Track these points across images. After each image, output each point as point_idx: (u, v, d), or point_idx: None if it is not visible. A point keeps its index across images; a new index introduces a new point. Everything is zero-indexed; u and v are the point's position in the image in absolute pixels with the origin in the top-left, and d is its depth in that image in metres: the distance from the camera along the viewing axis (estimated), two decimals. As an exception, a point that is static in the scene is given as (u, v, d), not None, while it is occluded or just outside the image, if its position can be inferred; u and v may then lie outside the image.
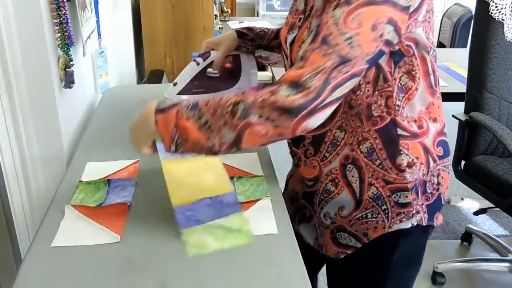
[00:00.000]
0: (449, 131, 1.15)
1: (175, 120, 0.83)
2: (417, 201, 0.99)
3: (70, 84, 1.25)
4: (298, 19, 1.00)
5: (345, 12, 0.79)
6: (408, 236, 1.02)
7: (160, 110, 0.85)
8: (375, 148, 0.96)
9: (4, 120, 1.12)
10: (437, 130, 1.01)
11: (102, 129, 1.31)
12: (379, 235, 1.01)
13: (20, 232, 1.21)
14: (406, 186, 0.97)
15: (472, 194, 2.74)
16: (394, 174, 0.97)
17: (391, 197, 0.98)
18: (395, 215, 0.99)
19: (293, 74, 0.80)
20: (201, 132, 0.82)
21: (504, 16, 1.86)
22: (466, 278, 2.18)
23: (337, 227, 1.05)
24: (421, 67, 0.93)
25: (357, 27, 0.79)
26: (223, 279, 0.80)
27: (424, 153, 0.98)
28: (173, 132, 0.83)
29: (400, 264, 1.06)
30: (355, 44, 0.79)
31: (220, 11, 3.53)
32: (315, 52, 0.80)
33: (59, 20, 1.17)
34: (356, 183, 0.99)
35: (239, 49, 1.26)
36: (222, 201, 0.94)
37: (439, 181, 1.02)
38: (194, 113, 0.82)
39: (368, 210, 1.00)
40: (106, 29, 1.81)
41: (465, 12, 4.14)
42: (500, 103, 1.93)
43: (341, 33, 0.79)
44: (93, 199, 0.99)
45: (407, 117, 0.95)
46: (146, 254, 0.85)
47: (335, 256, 1.08)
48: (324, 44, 0.80)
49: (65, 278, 0.79)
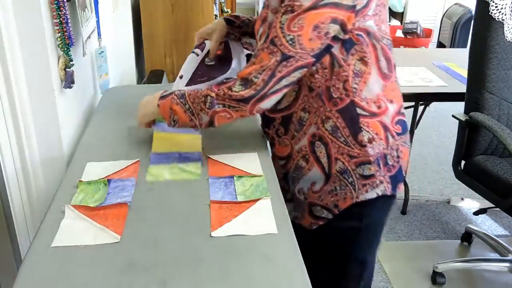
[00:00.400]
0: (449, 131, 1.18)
1: (170, 105, 1.09)
2: (380, 173, 1.11)
3: (70, 84, 1.25)
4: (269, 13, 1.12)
5: (289, 19, 0.97)
6: (374, 205, 1.15)
7: (162, 97, 1.12)
8: (339, 126, 1.09)
9: (4, 120, 1.12)
10: (395, 110, 1.13)
11: (102, 129, 1.31)
12: (348, 205, 1.13)
13: (20, 232, 1.21)
14: (369, 160, 1.10)
15: (472, 194, 2.74)
16: (357, 149, 1.09)
17: (356, 170, 1.11)
18: (361, 186, 1.12)
19: (245, 72, 1.02)
20: (186, 115, 1.08)
21: (504, 16, 1.86)
22: (466, 278, 2.18)
23: (310, 203, 1.19)
24: (372, 54, 1.06)
25: (298, 30, 0.97)
26: (223, 279, 0.80)
27: (383, 130, 1.10)
28: (170, 113, 1.10)
29: (367, 230, 1.20)
30: (297, 44, 0.98)
31: (220, 11, 3.53)
32: (264, 51, 1.00)
33: (59, 20, 1.17)
34: (324, 158, 1.12)
35: (228, 36, 1.35)
36: (188, 155, 1.18)
37: (398, 154, 1.14)
38: (181, 101, 1.08)
39: (337, 183, 1.13)
40: (106, 29, 1.81)
41: (465, 12, 4.15)
42: (500, 103, 1.93)
43: (285, 36, 0.98)
44: (93, 199, 0.99)
45: (365, 99, 1.08)
46: (146, 254, 0.85)
47: (309, 227, 1.21)
48: (271, 44, 0.99)
49: (65, 278, 0.80)
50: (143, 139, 1.25)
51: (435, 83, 2.34)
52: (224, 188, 1.04)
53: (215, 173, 1.09)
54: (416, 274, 2.19)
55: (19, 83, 1.12)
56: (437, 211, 2.69)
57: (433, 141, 3.55)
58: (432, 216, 2.64)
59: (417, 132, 2.72)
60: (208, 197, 1.01)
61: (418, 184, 2.96)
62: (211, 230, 0.90)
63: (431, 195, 2.85)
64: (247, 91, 1.01)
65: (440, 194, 2.87)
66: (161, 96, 1.12)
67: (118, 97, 1.55)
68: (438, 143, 3.52)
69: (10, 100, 1.12)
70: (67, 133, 1.29)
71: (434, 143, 3.51)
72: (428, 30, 4.87)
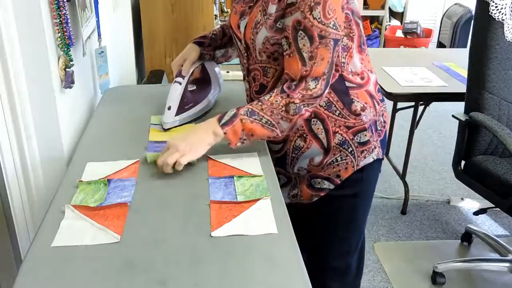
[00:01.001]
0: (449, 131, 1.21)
1: (241, 127, 1.09)
2: (373, 138, 1.22)
3: (70, 84, 1.25)
4: (247, 7, 1.18)
5: (321, 11, 1.03)
6: (371, 169, 1.25)
7: (224, 124, 1.09)
8: (332, 101, 1.17)
9: (4, 120, 1.12)
10: (375, 79, 1.24)
11: (102, 129, 1.31)
12: (350, 174, 1.22)
13: (20, 232, 1.21)
14: (364, 127, 1.19)
15: (472, 194, 2.74)
16: (353, 119, 1.18)
17: (354, 139, 1.19)
18: (360, 153, 1.21)
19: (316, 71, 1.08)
20: (265, 128, 1.10)
21: (504, 16, 1.86)
22: (466, 278, 2.18)
23: (311, 175, 1.25)
24: (356, 30, 1.16)
25: (333, 14, 1.05)
26: (223, 279, 0.80)
27: (370, 99, 1.20)
28: (241, 134, 1.09)
29: (365, 194, 1.30)
30: (338, 26, 1.06)
31: (220, 11, 3.53)
32: (319, 48, 1.06)
33: (59, 20, 1.17)
34: (322, 134, 1.19)
35: (204, 58, 1.39)
36: None
37: (384, 119, 1.26)
38: (254, 118, 1.09)
39: (337, 154, 1.20)
40: (106, 29, 1.81)
41: (465, 12, 4.15)
42: (500, 103, 1.93)
43: (327, 25, 1.05)
44: (93, 199, 0.99)
45: (351, 72, 1.18)
46: (146, 254, 0.85)
47: (309, 200, 1.28)
48: (321, 39, 1.05)
49: (65, 278, 0.79)
50: (143, 139, 1.25)
51: (435, 83, 2.34)
52: (224, 188, 1.04)
53: (215, 173, 1.09)
54: (416, 274, 2.20)
55: (19, 83, 1.12)
56: (437, 211, 2.69)
57: (433, 141, 3.55)
58: (432, 216, 2.64)
59: (417, 132, 2.72)
60: (208, 197, 1.01)
61: (418, 184, 2.96)
62: (211, 230, 0.90)
63: (431, 195, 2.85)
64: (320, 84, 1.09)
65: (440, 194, 2.87)
66: (222, 124, 1.09)
67: (118, 97, 1.55)
68: (438, 143, 3.52)
69: (10, 100, 1.12)
70: (67, 133, 1.29)
71: (434, 143, 3.51)
72: (428, 30, 4.87)
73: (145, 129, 1.30)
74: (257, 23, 1.13)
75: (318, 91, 1.09)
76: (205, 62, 1.41)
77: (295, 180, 1.30)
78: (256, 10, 1.14)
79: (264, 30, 1.12)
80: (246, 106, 1.11)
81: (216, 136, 1.09)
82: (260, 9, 1.13)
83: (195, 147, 1.09)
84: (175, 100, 1.30)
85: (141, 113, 1.40)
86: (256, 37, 1.14)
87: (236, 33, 1.22)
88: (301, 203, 1.30)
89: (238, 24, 1.20)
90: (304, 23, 1.05)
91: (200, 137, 1.10)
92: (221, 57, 1.44)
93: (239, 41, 1.23)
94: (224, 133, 1.09)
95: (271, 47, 1.14)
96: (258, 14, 1.13)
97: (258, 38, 1.14)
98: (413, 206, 2.72)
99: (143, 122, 1.34)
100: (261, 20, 1.12)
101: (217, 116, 1.11)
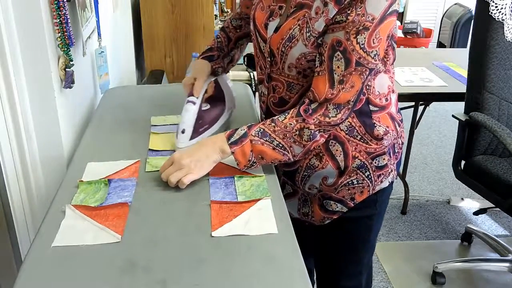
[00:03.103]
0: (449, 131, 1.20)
1: (250, 148, 1.03)
2: (390, 161, 1.17)
3: (70, 84, 1.25)
4: (277, 6, 1.09)
5: (367, 37, 0.96)
6: (385, 192, 1.21)
7: (233, 143, 1.04)
8: (354, 126, 1.10)
9: (4, 120, 1.12)
10: (395, 99, 1.17)
11: (102, 129, 1.31)
12: (365, 197, 1.17)
13: (20, 232, 1.21)
14: (384, 151, 1.14)
15: (472, 194, 2.75)
16: (374, 144, 1.12)
17: (372, 163, 1.14)
18: (376, 177, 1.16)
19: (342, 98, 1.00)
20: (276, 151, 1.04)
21: (504, 16, 1.86)
22: (466, 278, 2.18)
23: (323, 195, 1.19)
24: (391, 55, 1.10)
25: (378, 43, 0.97)
26: (223, 279, 0.80)
27: (391, 121, 1.14)
28: (250, 156, 1.03)
29: (379, 216, 1.25)
30: (378, 55, 0.99)
31: (220, 11, 3.53)
32: (353, 74, 0.98)
33: (59, 20, 1.17)
34: (341, 156, 1.12)
35: (217, 72, 1.29)
36: None
37: (401, 141, 1.21)
38: (265, 139, 1.03)
39: (353, 177, 1.14)
40: (106, 29, 1.81)
41: (465, 12, 4.15)
42: (500, 103, 1.93)
43: (369, 53, 0.97)
44: (93, 199, 0.99)
45: (379, 95, 1.10)
46: (147, 254, 0.85)
47: (320, 222, 1.22)
48: (358, 66, 0.98)
49: (65, 278, 0.79)
50: (143, 139, 1.25)
51: (435, 83, 2.34)
52: (225, 188, 1.04)
53: (216, 173, 1.09)
54: (416, 274, 2.20)
55: (19, 83, 1.12)
56: (437, 211, 2.69)
57: (433, 141, 3.55)
58: (432, 216, 2.64)
59: (417, 132, 2.72)
60: (208, 197, 1.01)
61: (418, 184, 2.96)
62: (212, 230, 0.90)
63: (431, 195, 2.85)
64: (342, 113, 1.02)
65: (440, 194, 2.87)
66: (231, 142, 1.03)
67: (118, 97, 1.55)
68: (438, 143, 3.52)
69: (10, 100, 1.12)
70: (67, 133, 1.29)
71: (434, 143, 3.52)
72: (428, 30, 4.87)
73: (145, 129, 1.30)
74: (293, 37, 1.03)
75: (337, 120, 1.02)
76: (219, 78, 1.31)
77: (304, 196, 1.24)
78: (293, 21, 1.03)
79: (302, 46, 1.02)
80: (258, 125, 1.05)
81: (224, 154, 1.04)
82: (300, 23, 1.02)
83: (200, 164, 1.03)
84: (189, 122, 1.18)
85: (141, 113, 1.40)
86: (289, 51, 1.05)
87: (262, 32, 1.12)
88: (312, 223, 1.25)
89: (266, 23, 1.10)
90: (345, 44, 0.96)
91: (206, 153, 1.04)
92: (228, 64, 1.35)
93: (263, 41, 1.12)
94: (232, 152, 1.03)
95: (306, 63, 1.04)
96: (294, 27, 1.03)
97: (293, 52, 1.04)
98: (413, 206, 2.72)
99: (143, 122, 1.34)
100: (297, 35, 1.02)
101: (226, 133, 1.05)
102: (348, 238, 1.26)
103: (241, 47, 1.36)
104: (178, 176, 1.02)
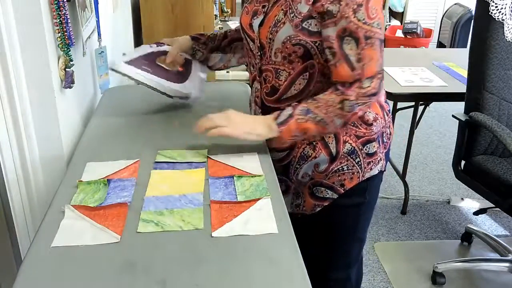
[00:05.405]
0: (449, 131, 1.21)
1: (296, 127, 1.10)
2: (380, 150, 1.22)
3: (70, 84, 1.25)
4: (260, 6, 1.18)
5: (364, 12, 1.03)
6: (374, 181, 1.25)
7: (280, 123, 1.10)
8: None
9: (4, 121, 1.12)
10: (384, 89, 1.21)
11: (102, 129, 1.31)
12: (354, 184, 1.21)
13: (20, 232, 1.21)
14: (373, 137, 1.20)
15: (472, 194, 2.75)
16: (364, 129, 1.18)
17: (363, 150, 1.19)
18: (366, 164, 1.21)
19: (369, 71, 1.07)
20: (319, 125, 1.10)
21: (504, 16, 1.86)
22: (466, 278, 2.18)
23: (314, 183, 1.24)
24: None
25: (377, 13, 1.05)
26: (223, 279, 0.80)
27: (380, 110, 1.21)
28: (295, 132, 1.11)
29: (368, 205, 1.29)
30: (381, 25, 1.06)
31: (220, 11, 3.53)
32: (365, 49, 1.05)
33: (59, 20, 1.17)
34: (333, 143, 1.18)
35: (196, 54, 1.39)
36: (187, 197, 1.01)
37: (390, 131, 1.27)
38: (310, 116, 1.10)
39: (344, 163, 1.20)
40: (106, 29, 1.81)
41: (465, 12, 4.15)
42: (500, 103, 1.93)
43: (371, 25, 1.04)
44: (93, 199, 0.99)
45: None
46: (146, 254, 0.85)
47: (311, 211, 1.26)
48: (367, 39, 1.05)
49: (65, 278, 0.79)
50: (143, 139, 1.25)
51: (435, 83, 2.34)
52: (224, 188, 1.04)
53: (215, 173, 1.09)
54: (416, 274, 2.20)
55: (19, 83, 1.12)
56: (437, 211, 2.69)
57: (433, 141, 3.55)
58: (432, 216, 2.64)
59: (417, 132, 2.72)
60: (208, 197, 1.01)
61: (418, 184, 2.96)
62: (212, 230, 0.90)
63: (431, 195, 2.85)
64: (374, 82, 1.09)
65: (440, 194, 2.87)
66: (278, 123, 1.10)
67: (118, 97, 1.55)
68: (438, 143, 3.52)
69: (10, 100, 1.12)
70: (67, 133, 1.29)
71: (434, 143, 3.52)
72: (428, 30, 4.87)
73: (145, 129, 1.30)
74: (278, 22, 1.11)
75: (371, 89, 1.08)
76: (195, 61, 1.38)
77: (296, 189, 1.29)
78: (277, 9, 1.12)
79: (288, 28, 1.09)
80: (301, 105, 1.11)
81: (270, 130, 1.10)
82: (283, 8, 1.11)
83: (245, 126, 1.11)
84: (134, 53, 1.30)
85: (141, 113, 1.40)
86: (275, 36, 1.12)
87: (249, 32, 1.20)
88: (303, 213, 1.29)
89: (250, 23, 1.19)
90: (349, 27, 1.04)
91: (255, 123, 1.13)
92: (219, 62, 1.41)
93: (251, 41, 1.20)
94: (279, 131, 1.10)
95: (291, 47, 1.11)
96: (279, 13, 1.11)
97: (279, 36, 1.11)
98: (413, 206, 2.72)
99: (143, 122, 1.34)
100: (283, 18, 1.10)
101: (274, 114, 1.12)
102: (335, 226, 1.30)
103: (236, 50, 1.41)
104: (221, 122, 1.09)
